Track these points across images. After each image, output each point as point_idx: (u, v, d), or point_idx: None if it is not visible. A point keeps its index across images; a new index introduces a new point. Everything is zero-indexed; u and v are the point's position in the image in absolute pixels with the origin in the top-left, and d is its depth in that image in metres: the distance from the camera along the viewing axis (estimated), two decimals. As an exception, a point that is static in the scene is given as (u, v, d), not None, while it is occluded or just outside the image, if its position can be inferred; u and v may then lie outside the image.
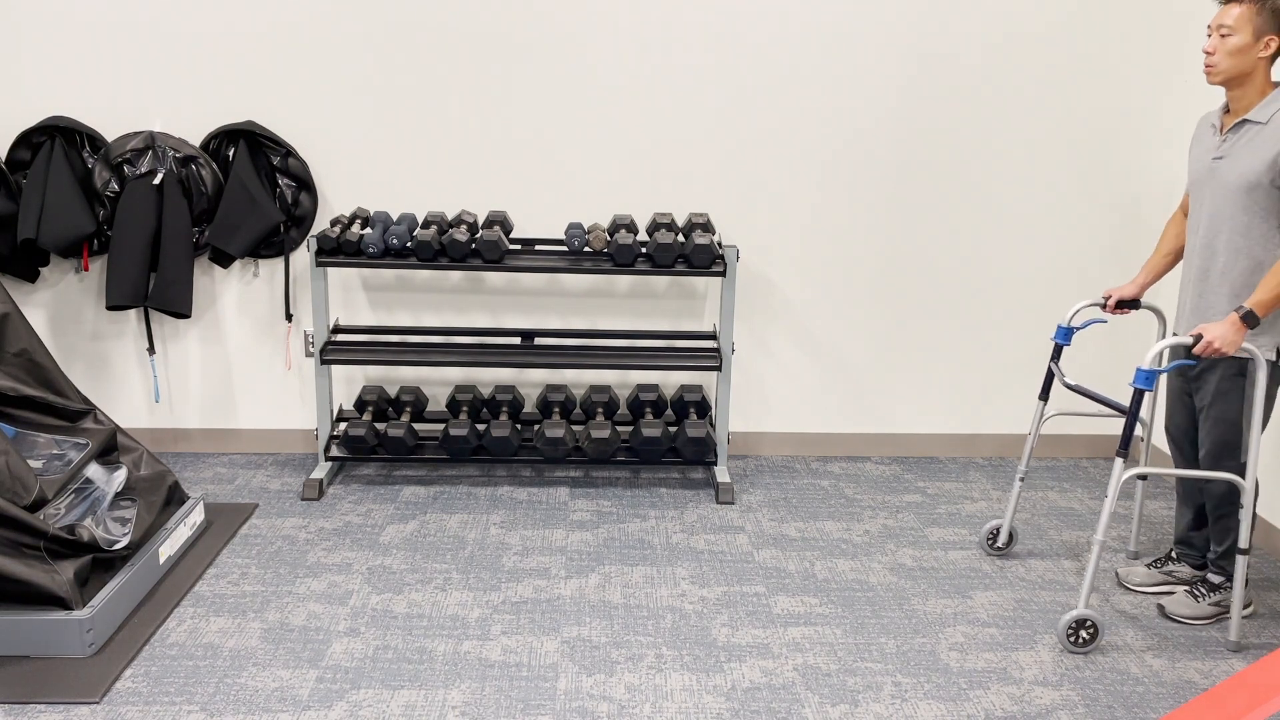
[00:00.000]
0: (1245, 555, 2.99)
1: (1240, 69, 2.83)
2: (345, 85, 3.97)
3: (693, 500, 3.97)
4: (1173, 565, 3.35)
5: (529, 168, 4.08)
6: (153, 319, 4.13)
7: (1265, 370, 2.87)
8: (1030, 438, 3.41)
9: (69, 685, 2.72)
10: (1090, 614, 2.98)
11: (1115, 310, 3.28)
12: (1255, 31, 2.78)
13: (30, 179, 3.80)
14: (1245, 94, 2.87)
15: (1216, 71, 2.85)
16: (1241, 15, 2.79)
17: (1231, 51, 2.81)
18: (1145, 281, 3.25)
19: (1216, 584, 3.19)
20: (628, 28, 3.96)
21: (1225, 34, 2.81)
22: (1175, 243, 3.23)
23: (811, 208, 4.16)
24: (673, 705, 2.72)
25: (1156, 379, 2.85)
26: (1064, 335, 3.28)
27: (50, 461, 3.17)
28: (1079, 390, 3.12)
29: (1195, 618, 3.17)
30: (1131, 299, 3.26)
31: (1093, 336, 4.34)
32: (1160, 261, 3.24)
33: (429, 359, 3.90)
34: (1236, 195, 2.86)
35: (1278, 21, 2.78)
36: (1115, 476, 2.91)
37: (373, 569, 3.39)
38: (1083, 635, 2.99)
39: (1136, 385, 2.84)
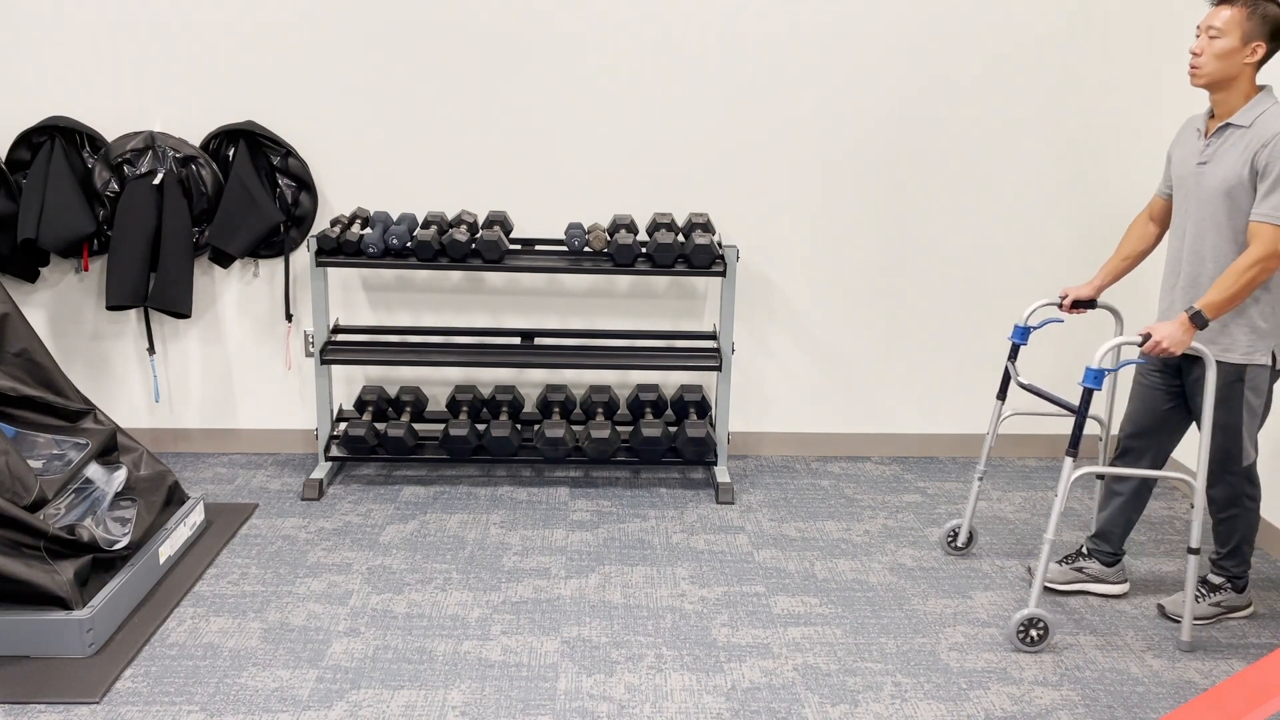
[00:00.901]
0: (1195, 555, 2.99)
1: (1226, 72, 2.81)
2: (345, 85, 3.97)
3: (693, 500, 3.97)
4: (1083, 561, 3.34)
5: (529, 168, 4.08)
6: (153, 319, 4.13)
7: (1214, 371, 2.87)
8: (988, 437, 3.40)
9: (69, 685, 2.72)
10: (1040, 613, 2.98)
11: (1071, 310, 3.27)
12: (1244, 36, 2.77)
13: (30, 179, 3.80)
14: (1229, 98, 2.86)
15: (1202, 74, 2.84)
16: (1231, 19, 2.77)
17: (1218, 54, 2.80)
18: (1102, 283, 3.23)
19: (1217, 584, 3.19)
20: (628, 28, 3.95)
21: (1214, 36, 2.80)
22: (1136, 246, 3.20)
23: (812, 208, 4.16)
24: (673, 705, 2.72)
25: (1105, 378, 2.85)
26: (1020, 335, 3.28)
27: (50, 461, 3.17)
28: (1032, 389, 3.13)
29: (1196, 618, 3.17)
30: (1088, 299, 3.25)
31: (1084, 336, 4.34)
32: (1119, 264, 3.22)
33: (429, 359, 3.90)
34: (1220, 200, 2.85)
35: (1267, 27, 2.77)
36: (1065, 475, 2.91)
37: (373, 569, 3.39)
38: (1033, 634, 2.99)
39: (1085, 384, 2.85)
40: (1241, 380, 2.92)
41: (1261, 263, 2.74)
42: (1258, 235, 2.76)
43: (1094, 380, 2.83)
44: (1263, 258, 2.74)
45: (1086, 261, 4.26)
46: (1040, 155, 4.15)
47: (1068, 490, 2.92)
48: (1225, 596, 3.18)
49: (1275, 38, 2.79)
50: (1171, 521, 3.88)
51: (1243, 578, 3.18)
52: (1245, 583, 3.20)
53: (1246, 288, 2.76)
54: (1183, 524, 3.85)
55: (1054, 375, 4.36)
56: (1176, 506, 4.00)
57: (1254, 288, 2.78)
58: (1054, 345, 4.31)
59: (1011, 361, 3.29)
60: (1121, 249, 3.23)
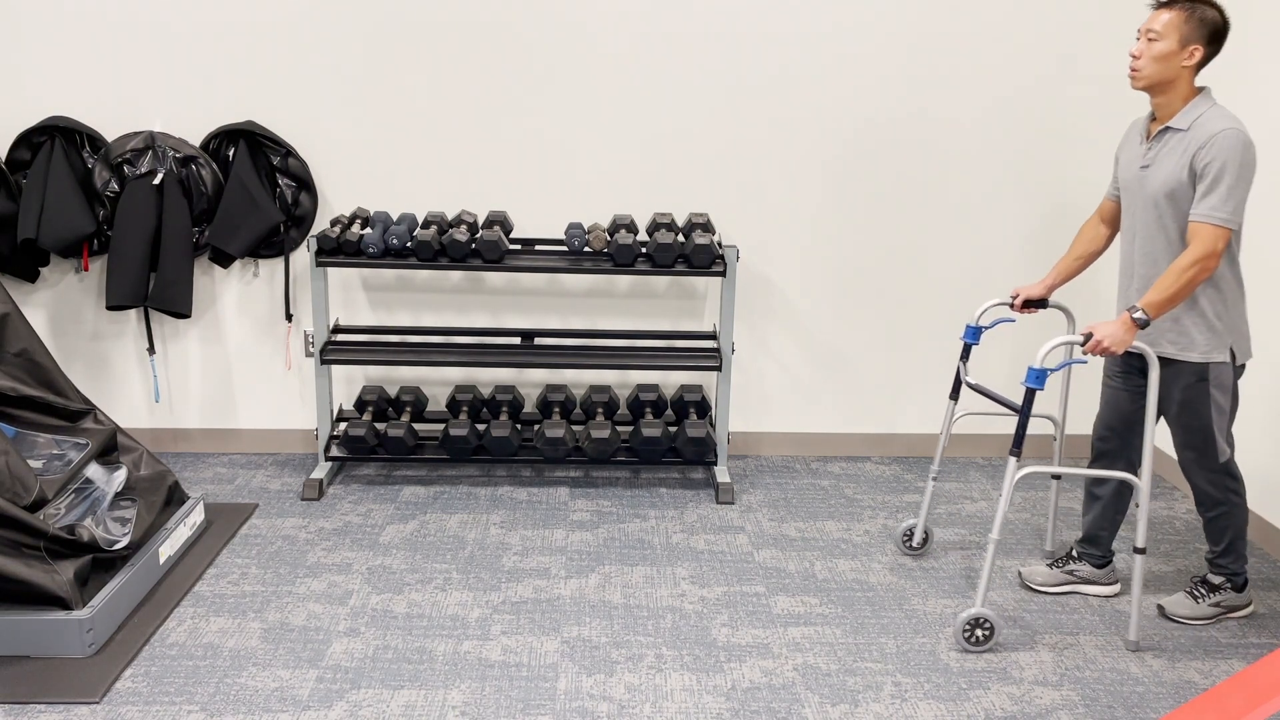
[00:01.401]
0: (1142, 554, 2.99)
1: (1164, 75, 2.81)
2: (345, 85, 3.97)
3: (693, 500, 3.97)
4: (1074, 564, 3.34)
5: (529, 168, 4.08)
6: (153, 319, 4.13)
7: (1157, 369, 2.88)
8: (942, 437, 3.40)
9: (69, 685, 2.72)
10: (986, 613, 2.97)
11: (1023, 310, 3.27)
12: (1182, 39, 2.77)
13: (30, 179, 3.80)
14: (1169, 101, 2.86)
15: (1140, 76, 2.84)
16: (1170, 22, 2.78)
17: (1157, 57, 2.80)
18: (1053, 283, 3.24)
19: (1216, 584, 3.19)
20: (628, 28, 3.95)
21: (1153, 39, 2.80)
22: (1088, 247, 3.20)
23: (812, 208, 4.16)
24: (673, 705, 2.72)
25: (1047, 378, 2.85)
26: (972, 334, 3.27)
27: (50, 461, 3.17)
28: (979, 389, 3.13)
29: (1195, 618, 3.17)
30: (1039, 299, 3.25)
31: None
32: (1070, 264, 3.22)
33: (429, 359, 3.90)
34: (1164, 203, 2.85)
35: (1204, 30, 2.77)
36: (1009, 475, 2.90)
37: (373, 569, 3.39)
38: (979, 634, 2.99)
39: (1027, 384, 2.84)
40: (1206, 379, 2.92)
41: (1201, 262, 2.75)
42: (1197, 235, 2.77)
43: (1036, 380, 2.83)
44: (1202, 257, 2.75)
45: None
46: (1032, 161, 4.14)
47: (1011, 490, 2.91)
48: (1225, 596, 3.18)
49: (1213, 41, 2.79)
50: (1171, 521, 3.88)
51: (1241, 574, 3.18)
52: (1244, 580, 3.20)
53: (1187, 287, 2.77)
54: (1183, 524, 3.85)
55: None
56: (1177, 506, 4.00)
57: (1194, 287, 2.78)
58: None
59: (963, 361, 3.29)
60: (1073, 249, 3.23)
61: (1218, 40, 2.80)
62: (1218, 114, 2.79)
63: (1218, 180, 2.73)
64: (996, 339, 4.34)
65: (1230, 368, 2.93)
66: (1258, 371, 3.71)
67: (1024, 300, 3.26)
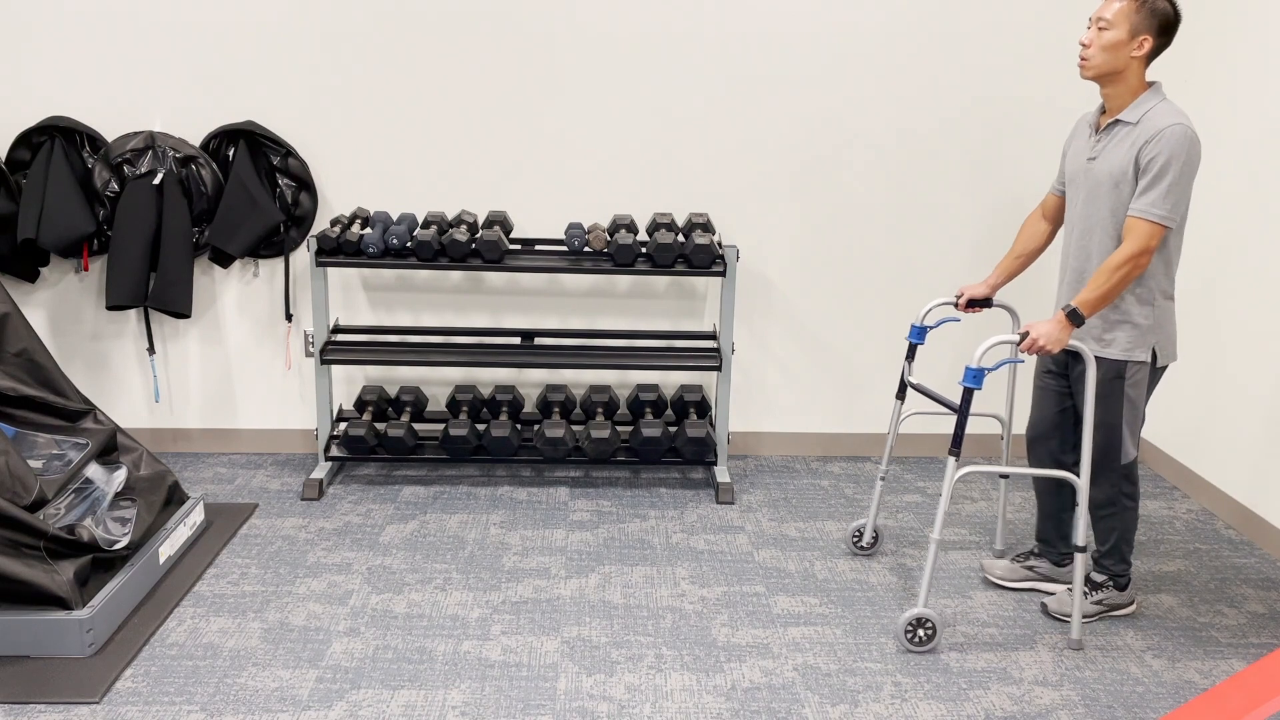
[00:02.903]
0: (1082, 553, 2.99)
1: (1113, 65, 2.80)
2: (345, 85, 3.97)
3: (693, 500, 3.97)
4: (1035, 560, 3.34)
5: (529, 168, 4.08)
6: (153, 319, 4.13)
7: (1094, 368, 2.87)
8: (889, 437, 3.39)
9: (69, 685, 2.72)
10: (928, 613, 2.97)
11: (967, 309, 3.26)
12: (1132, 29, 2.76)
13: (30, 179, 3.80)
14: (1118, 92, 2.85)
15: (1090, 66, 2.83)
16: (1121, 11, 2.77)
17: (1106, 46, 2.79)
18: (996, 282, 3.23)
19: (1099, 582, 3.18)
20: (628, 28, 3.95)
21: (1103, 28, 2.79)
22: (1029, 244, 3.19)
23: (811, 207, 4.16)
24: (673, 705, 2.72)
25: (984, 377, 2.84)
26: (917, 334, 3.26)
27: (50, 461, 3.17)
28: (920, 389, 3.13)
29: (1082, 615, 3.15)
30: (983, 298, 3.24)
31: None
32: (1012, 263, 3.21)
33: (429, 359, 3.90)
34: (1107, 196, 2.84)
35: (1154, 21, 2.76)
36: (948, 475, 2.90)
37: (373, 569, 3.39)
38: (920, 634, 2.98)
39: (964, 384, 2.84)
40: (1122, 377, 2.92)
41: (1135, 259, 2.75)
42: (1133, 230, 2.76)
43: (973, 380, 2.82)
44: (1136, 253, 2.75)
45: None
46: (1033, 158, 4.14)
47: (951, 489, 2.91)
48: (1107, 595, 3.17)
49: (1164, 33, 2.78)
50: (1171, 521, 3.88)
51: (1124, 575, 3.17)
52: (1127, 580, 3.18)
53: (1121, 283, 2.77)
54: (1183, 524, 3.85)
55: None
56: (1177, 506, 4.00)
57: (1128, 283, 2.78)
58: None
59: (908, 361, 3.28)
60: (1014, 247, 3.22)
61: (1168, 32, 2.79)
62: (1167, 109, 2.78)
63: (1160, 176, 2.72)
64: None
65: (1149, 368, 2.93)
66: (1257, 371, 3.71)
67: (968, 300, 3.24)
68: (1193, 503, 4.04)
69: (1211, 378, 3.99)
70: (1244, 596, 3.36)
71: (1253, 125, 3.75)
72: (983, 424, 4.38)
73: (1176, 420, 4.22)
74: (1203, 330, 4.04)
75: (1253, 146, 3.76)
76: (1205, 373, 4.02)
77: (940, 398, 3.01)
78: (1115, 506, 3.07)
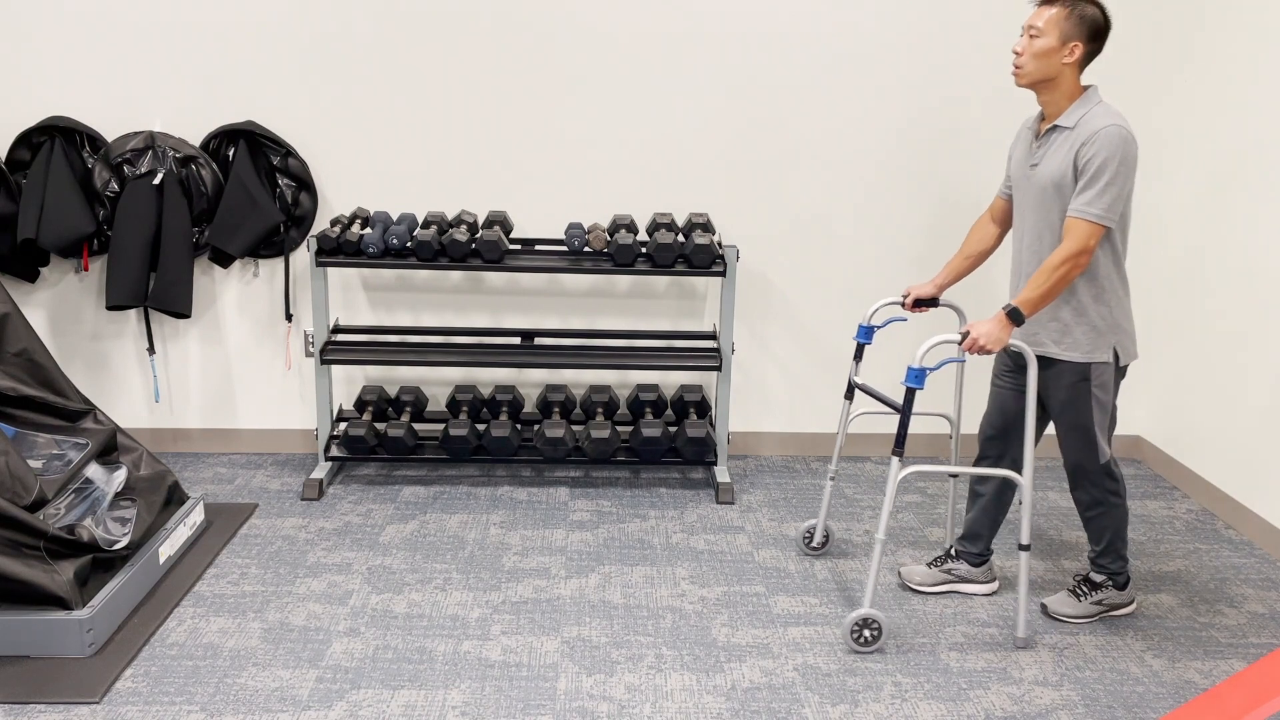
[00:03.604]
0: (1026, 551, 2.99)
1: (1046, 72, 2.81)
2: (345, 85, 3.97)
3: (693, 500, 3.97)
4: (952, 563, 3.33)
5: (529, 168, 4.08)
6: (153, 319, 4.13)
7: (1035, 366, 2.88)
8: (839, 437, 3.38)
9: (69, 685, 2.72)
10: (874, 614, 2.96)
11: (913, 309, 3.26)
12: (1062, 35, 2.77)
13: (30, 179, 3.80)
14: (1054, 99, 2.85)
15: (1023, 73, 2.84)
16: (1051, 18, 2.77)
17: (1038, 54, 2.80)
18: (944, 282, 3.23)
19: (1098, 583, 3.18)
20: (628, 28, 3.95)
21: (1034, 35, 2.80)
22: (978, 246, 3.19)
23: (811, 207, 4.16)
24: (673, 705, 2.72)
25: (926, 377, 2.83)
26: (865, 334, 3.26)
27: (50, 461, 3.17)
28: (865, 389, 3.12)
29: (1078, 616, 3.16)
30: (930, 298, 3.24)
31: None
32: (961, 263, 3.21)
33: (429, 359, 3.90)
34: (1050, 201, 2.85)
35: (1084, 27, 2.76)
36: (892, 474, 2.89)
37: (373, 569, 3.39)
38: (866, 635, 2.98)
39: (906, 384, 2.84)
40: (1087, 379, 2.92)
41: (1073, 259, 2.76)
42: (1071, 230, 2.77)
43: (915, 379, 2.82)
44: (1074, 253, 2.76)
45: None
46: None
47: (895, 489, 2.90)
48: (1107, 594, 3.17)
49: (1094, 38, 2.79)
50: (1171, 521, 3.88)
51: (1123, 574, 3.17)
52: (1126, 579, 3.18)
53: (1060, 283, 2.78)
54: (1183, 524, 3.86)
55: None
56: (1176, 506, 4.00)
57: (1067, 283, 2.79)
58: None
59: (856, 361, 3.28)
60: (963, 248, 3.22)
61: (1099, 37, 2.80)
62: (1102, 111, 2.79)
63: (1096, 177, 2.74)
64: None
65: (1113, 368, 2.93)
66: (1258, 371, 3.71)
67: (914, 299, 3.24)
68: (1193, 503, 4.04)
69: (1211, 378, 3.99)
70: (1244, 596, 3.36)
71: (1253, 124, 3.75)
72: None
73: (1176, 420, 4.23)
74: (1203, 330, 4.04)
75: (1253, 146, 3.76)
76: (1205, 373, 4.02)
77: (885, 398, 3.00)
78: (1103, 506, 3.07)
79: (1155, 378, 4.34)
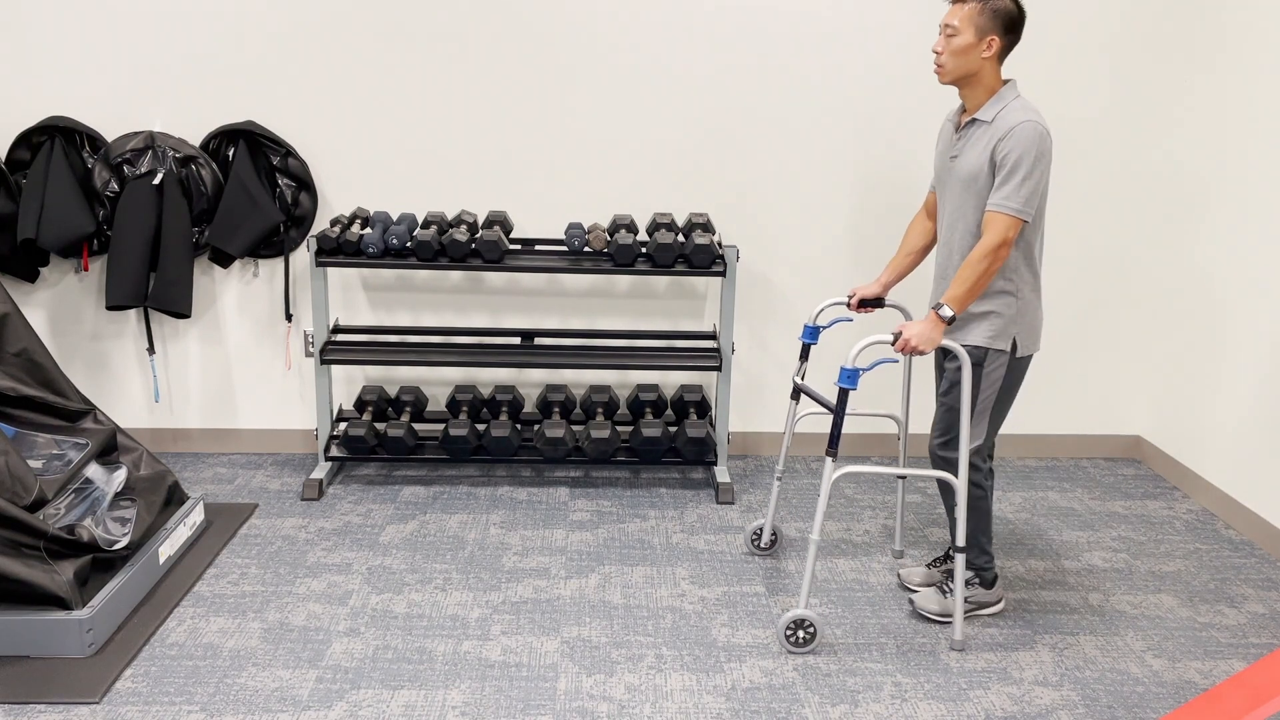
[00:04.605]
0: (961, 554, 2.98)
1: (965, 69, 2.82)
2: (345, 85, 3.97)
3: (693, 500, 3.97)
4: (950, 564, 3.31)
5: (529, 168, 4.08)
6: (153, 319, 4.13)
7: (969, 366, 2.88)
8: (785, 437, 3.38)
9: (69, 685, 2.72)
10: (808, 614, 2.95)
11: (859, 309, 3.26)
12: (978, 31, 2.78)
13: (30, 179, 3.80)
14: (975, 94, 2.87)
15: (944, 71, 2.85)
16: (965, 15, 2.79)
17: (956, 51, 2.81)
18: (887, 280, 3.23)
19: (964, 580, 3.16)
20: (628, 28, 3.95)
21: (950, 34, 2.81)
22: (918, 241, 3.20)
23: (811, 207, 4.16)
24: (673, 705, 2.72)
25: (859, 377, 2.83)
26: (810, 334, 3.25)
27: (50, 461, 3.17)
28: (803, 390, 3.11)
29: (944, 614, 3.15)
30: (874, 298, 3.23)
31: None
32: (902, 261, 3.22)
33: (429, 359, 3.90)
34: (967, 194, 2.86)
35: (999, 21, 2.78)
36: (826, 475, 2.89)
37: (373, 569, 3.39)
38: (801, 635, 2.97)
39: (839, 384, 2.84)
40: (981, 365, 2.92)
41: (994, 251, 2.77)
42: (991, 224, 2.78)
43: (848, 380, 2.82)
44: (995, 246, 2.76)
45: (1085, 264, 4.26)
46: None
47: (829, 489, 2.90)
48: (973, 592, 3.17)
49: (1010, 30, 2.80)
50: (1171, 521, 3.88)
51: (988, 569, 3.16)
52: (993, 576, 3.17)
53: (984, 277, 2.78)
54: (1183, 524, 3.86)
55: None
56: (1177, 506, 4.00)
57: (990, 277, 2.79)
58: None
59: (802, 361, 3.27)
60: (903, 245, 3.23)
61: (1014, 29, 2.81)
62: (1020, 106, 2.80)
63: (1013, 171, 2.75)
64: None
65: (1008, 358, 2.93)
66: (1258, 371, 3.71)
67: (859, 300, 3.25)
68: (1193, 503, 4.04)
69: (1211, 378, 3.99)
70: (1244, 596, 3.36)
71: (1256, 125, 3.75)
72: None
73: (1177, 420, 4.23)
74: (1203, 330, 4.04)
75: (1256, 146, 3.76)
76: (1205, 373, 4.02)
77: (822, 399, 3.00)
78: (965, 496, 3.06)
79: (1155, 378, 4.34)
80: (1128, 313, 4.31)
